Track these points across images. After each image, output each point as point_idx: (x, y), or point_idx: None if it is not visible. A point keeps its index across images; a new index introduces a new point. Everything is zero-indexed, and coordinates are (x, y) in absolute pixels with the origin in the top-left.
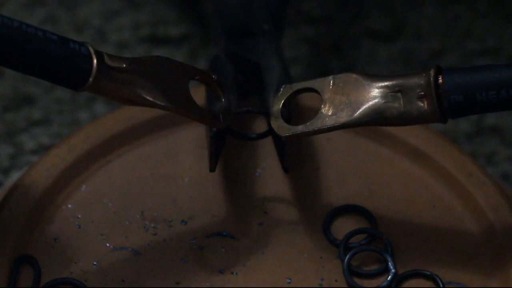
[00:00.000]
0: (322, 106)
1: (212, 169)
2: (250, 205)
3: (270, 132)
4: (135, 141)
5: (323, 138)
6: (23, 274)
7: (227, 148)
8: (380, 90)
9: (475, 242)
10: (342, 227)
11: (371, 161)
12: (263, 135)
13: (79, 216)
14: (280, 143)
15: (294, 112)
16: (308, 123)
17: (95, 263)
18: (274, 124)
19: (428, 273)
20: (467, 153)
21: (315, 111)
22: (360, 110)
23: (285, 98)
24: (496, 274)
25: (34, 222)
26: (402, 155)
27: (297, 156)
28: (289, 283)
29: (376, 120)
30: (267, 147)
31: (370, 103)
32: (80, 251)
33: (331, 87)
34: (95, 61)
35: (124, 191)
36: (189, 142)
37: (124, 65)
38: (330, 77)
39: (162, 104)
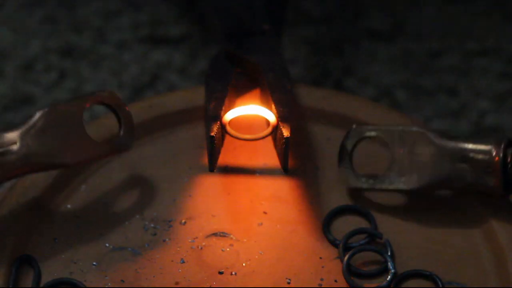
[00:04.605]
0: (392, 165)
1: (211, 169)
2: (250, 205)
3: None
4: (135, 141)
5: (323, 138)
6: (23, 274)
7: (227, 148)
8: (449, 156)
9: (475, 242)
10: (342, 227)
11: (371, 161)
12: (262, 137)
13: (79, 216)
14: (281, 144)
15: None
16: (377, 180)
17: (94, 263)
18: (343, 173)
19: (428, 273)
20: None
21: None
22: (429, 178)
23: (355, 141)
24: (496, 274)
25: (34, 222)
26: None
27: (297, 156)
28: (288, 283)
29: (441, 187)
30: (267, 147)
31: (439, 171)
32: (80, 251)
33: (400, 142)
34: None
35: (124, 191)
36: (189, 142)
37: (15, 144)
38: (402, 129)
39: (57, 163)
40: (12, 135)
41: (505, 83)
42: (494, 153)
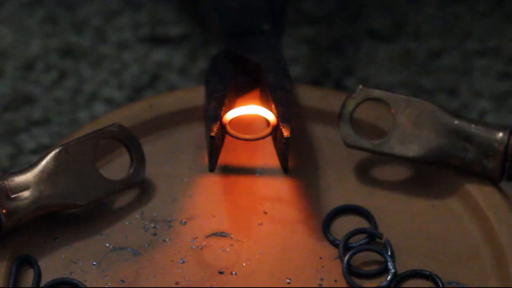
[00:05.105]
0: (393, 129)
1: (211, 169)
2: (250, 205)
3: (270, 134)
4: None
5: (323, 138)
6: (23, 274)
7: (227, 148)
8: (453, 133)
9: (475, 242)
10: (342, 227)
11: (371, 161)
12: (261, 137)
13: (79, 216)
14: (281, 144)
15: None
16: (376, 142)
17: (94, 263)
18: (343, 129)
19: (428, 273)
20: None
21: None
22: (429, 149)
23: (359, 101)
24: (496, 274)
25: (34, 222)
26: None
27: (297, 156)
28: (288, 283)
29: (439, 161)
30: (267, 147)
31: (440, 145)
32: (80, 251)
33: (406, 110)
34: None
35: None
36: (189, 142)
37: (28, 189)
38: (408, 98)
39: (69, 204)
40: (24, 179)
41: (505, 83)
42: (499, 139)
